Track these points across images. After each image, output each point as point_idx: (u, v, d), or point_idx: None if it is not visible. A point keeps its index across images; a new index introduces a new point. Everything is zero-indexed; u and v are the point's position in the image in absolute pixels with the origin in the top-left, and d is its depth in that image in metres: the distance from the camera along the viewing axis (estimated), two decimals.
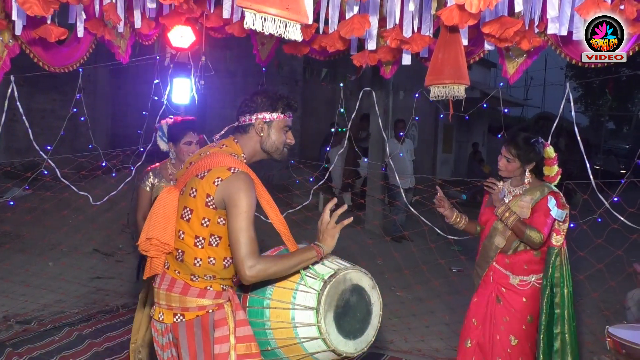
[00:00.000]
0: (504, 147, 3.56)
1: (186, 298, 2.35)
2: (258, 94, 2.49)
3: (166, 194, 2.42)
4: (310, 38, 4.06)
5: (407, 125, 8.79)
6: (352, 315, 2.45)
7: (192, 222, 2.34)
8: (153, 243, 2.37)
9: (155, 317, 2.44)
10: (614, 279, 5.06)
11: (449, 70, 3.53)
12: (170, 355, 2.44)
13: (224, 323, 2.33)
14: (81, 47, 4.52)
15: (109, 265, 6.99)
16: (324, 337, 2.33)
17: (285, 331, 2.38)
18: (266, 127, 2.47)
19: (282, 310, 2.40)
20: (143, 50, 5.06)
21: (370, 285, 2.52)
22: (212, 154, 2.42)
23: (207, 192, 2.30)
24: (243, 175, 2.31)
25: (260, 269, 2.23)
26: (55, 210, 6.90)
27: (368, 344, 2.47)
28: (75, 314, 5.34)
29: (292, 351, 2.41)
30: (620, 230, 4.27)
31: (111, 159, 5.58)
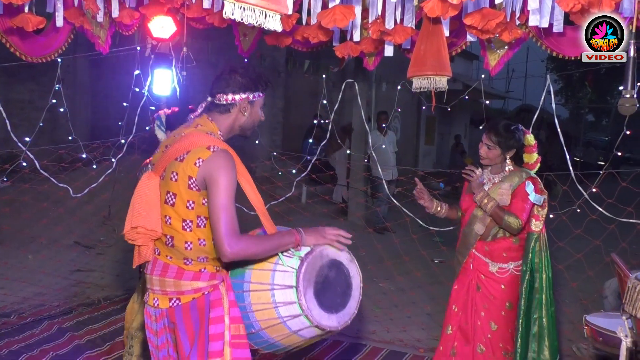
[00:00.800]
0: (484, 134, 3.60)
1: (181, 282, 2.33)
2: (236, 73, 2.45)
3: (146, 180, 2.38)
4: (292, 29, 4.03)
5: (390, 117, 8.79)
6: (332, 289, 2.46)
7: (177, 206, 2.31)
8: (139, 231, 2.34)
9: (150, 303, 2.42)
10: (593, 269, 5.13)
11: (431, 61, 3.54)
12: (164, 340, 2.43)
13: (220, 304, 2.33)
14: (59, 36, 4.45)
15: (90, 257, 6.93)
16: (305, 313, 2.34)
17: (267, 312, 2.38)
18: (249, 106, 2.47)
19: (262, 292, 2.39)
20: (123, 41, 4.99)
21: (348, 258, 2.55)
22: (188, 135, 2.39)
23: (188, 174, 2.27)
24: (223, 153, 2.30)
25: (241, 248, 2.23)
26: (34, 203, 6.81)
27: (351, 317, 2.49)
28: (55, 307, 5.30)
29: (277, 331, 2.41)
30: (598, 220, 4.32)
31: (91, 151, 5.51)
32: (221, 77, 2.47)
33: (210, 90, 2.48)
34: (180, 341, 2.35)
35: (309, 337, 2.45)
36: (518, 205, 3.47)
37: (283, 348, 2.53)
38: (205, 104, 2.52)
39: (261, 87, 2.50)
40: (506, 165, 3.59)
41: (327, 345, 4.79)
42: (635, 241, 4.96)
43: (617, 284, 4.53)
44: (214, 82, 2.49)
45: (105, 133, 6.24)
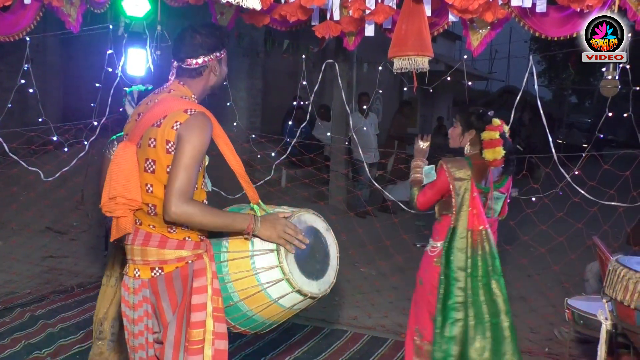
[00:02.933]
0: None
1: (164, 251, 2.29)
2: (198, 33, 2.37)
3: (122, 150, 2.30)
4: (270, 7, 3.91)
5: (371, 98, 8.70)
6: (312, 255, 2.43)
7: (158, 172, 2.25)
8: (118, 202, 2.26)
9: (130, 274, 2.36)
10: (574, 252, 5.13)
11: (412, 41, 3.48)
12: (141, 314, 2.36)
13: (203, 273, 2.28)
14: (27, 14, 4.30)
15: (63, 243, 6.79)
16: (287, 277, 2.29)
17: (247, 280, 2.33)
18: (218, 65, 2.44)
19: (241, 260, 2.34)
20: (95, 19, 4.83)
21: (324, 227, 2.52)
22: (162, 100, 2.34)
23: (166, 138, 2.22)
24: (201, 116, 2.26)
25: (186, 211, 2.16)
26: (3, 187, 6.67)
27: (330, 285, 2.46)
28: (27, 294, 5.18)
29: (256, 301, 2.35)
30: (580, 203, 4.30)
31: (63, 133, 5.40)
32: (184, 40, 2.39)
33: (176, 54, 2.40)
34: (163, 312, 2.31)
35: (288, 307, 2.39)
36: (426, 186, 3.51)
37: (260, 324, 2.46)
38: (174, 69, 2.44)
39: (225, 42, 2.46)
40: (467, 149, 3.50)
41: (308, 332, 4.74)
42: (617, 224, 4.95)
43: (598, 267, 4.53)
44: (178, 46, 2.40)
45: (77, 115, 6.12)
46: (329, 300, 5.36)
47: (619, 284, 2.96)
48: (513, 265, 5.71)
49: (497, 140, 3.36)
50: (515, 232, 5.33)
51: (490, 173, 3.42)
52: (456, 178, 3.36)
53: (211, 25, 2.49)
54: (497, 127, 3.40)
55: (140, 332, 2.39)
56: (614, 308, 3.05)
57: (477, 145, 3.46)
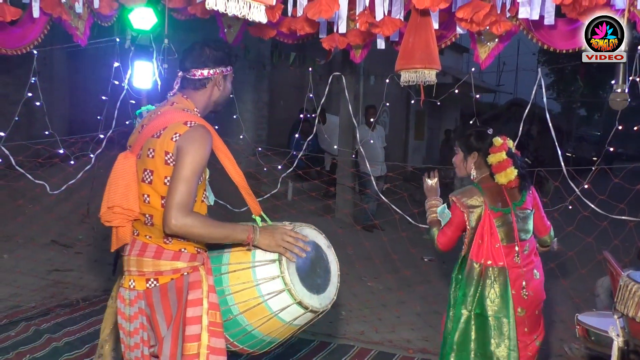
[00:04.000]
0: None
1: (160, 262, 2.29)
2: (207, 47, 2.42)
3: (122, 160, 2.33)
4: (278, 20, 3.92)
5: (378, 111, 8.68)
6: (313, 269, 2.42)
7: (155, 183, 2.27)
8: (116, 211, 2.29)
9: (125, 285, 2.37)
10: (584, 267, 5.06)
11: (419, 54, 3.47)
12: (137, 325, 2.36)
13: (198, 286, 2.28)
14: (36, 27, 4.33)
15: (68, 257, 6.76)
16: (289, 287, 2.27)
17: (247, 292, 2.31)
18: (223, 80, 2.47)
19: (242, 272, 2.33)
20: (102, 32, 4.86)
21: (325, 244, 2.52)
22: (164, 112, 2.37)
23: (165, 149, 2.24)
24: (201, 129, 2.27)
25: (186, 223, 2.17)
26: (9, 200, 6.68)
27: (331, 301, 2.44)
28: (32, 308, 5.15)
29: (256, 314, 2.32)
30: (590, 217, 4.25)
31: (69, 146, 5.39)
32: (193, 51, 2.43)
33: (182, 64, 2.44)
34: (158, 325, 2.30)
35: (288, 321, 2.35)
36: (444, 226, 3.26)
37: (259, 341, 2.42)
38: (178, 80, 2.46)
39: (232, 61, 2.51)
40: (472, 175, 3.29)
41: (314, 346, 4.69)
42: (628, 238, 4.88)
43: (609, 282, 4.47)
44: (185, 56, 2.44)
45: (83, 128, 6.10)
46: (336, 315, 5.31)
47: (630, 299, 2.92)
48: None
49: (506, 161, 3.15)
50: None
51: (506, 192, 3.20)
52: (469, 206, 3.14)
53: (221, 41, 2.52)
54: (501, 146, 3.18)
55: (136, 345, 2.38)
56: (626, 324, 3.01)
57: (484, 167, 3.24)
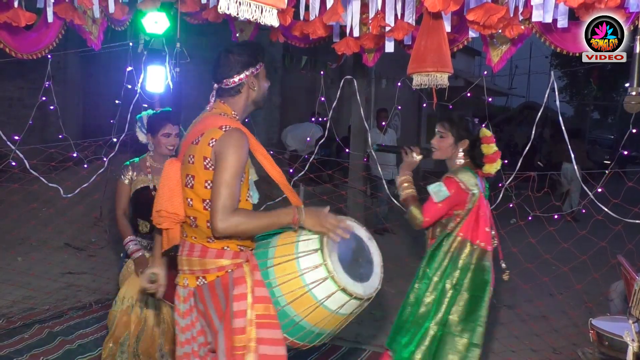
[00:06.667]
0: (437, 125, 3.36)
1: (205, 260, 2.40)
2: (232, 53, 2.46)
3: (168, 166, 2.48)
4: (290, 24, 3.93)
5: (390, 114, 8.66)
6: (355, 259, 2.45)
7: (196, 187, 2.38)
8: (162, 215, 2.43)
9: (180, 283, 2.50)
10: (598, 271, 5.02)
11: (432, 58, 3.47)
12: (189, 322, 2.49)
13: (242, 281, 2.35)
14: (50, 32, 4.35)
15: (81, 260, 6.82)
16: (332, 274, 2.31)
17: (292, 282, 2.36)
18: (255, 80, 2.50)
19: (287, 263, 2.39)
20: (115, 37, 4.88)
21: (367, 236, 2.56)
22: (202, 119, 2.48)
23: (203, 155, 2.34)
24: (235, 132, 2.34)
25: (232, 223, 2.25)
26: (23, 203, 6.72)
27: (375, 290, 2.45)
28: (45, 310, 5.19)
29: (302, 304, 2.37)
30: (604, 221, 4.21)
31: (83, 150, 5.43)
32: (219, 61, 2.49)
33: (214, 76, 2.51)
34: (212, 319, 2.41)
35: (334, 310, 2.39)
36: (427, 201, 3.21)
37: (308, 332, 2.46)
38: (215, 91, 2.53)
39: (260, 57, 2.52)
40: (457, 159, 3.32)
41: (326, 350, 4.68)
42: None
43: (623, 287, 4.43)
44: (214, 68, 2.51)
45: (96, 131, 6.17)
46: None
47: None
48: (534, 284, 5.61)
49: (497, 153, 3.30)
50: (537, 250, 5.24)
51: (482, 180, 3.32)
52: (470, 189, 3.20)
53: (244, 43, 2.60)
54: (491, 137, 3.32)
55: (187, 341, 2.50)
56: None
57: (467, 154, 3.32)
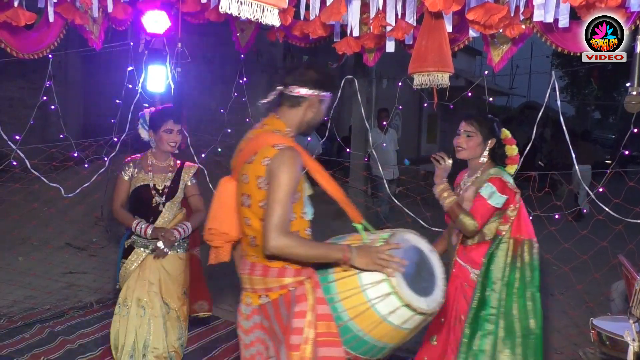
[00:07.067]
0: (463, 122, 3.29)
1: (267, 279, 2.40)
2: (312, 69, 2.49)
3: (223, 185, 2.50)
4: (290, 24, 3.92)
5: (391, 114, 8.66)
6: (417, 273, 2.40)
7: (252, 206, 2.38)
8: (214, 233, 2.47)
9: (243, 302, 2.52)
10: (599, 271, 5.01)
11: (432, 57, 3.46)
12: (253, 339, 2.49)
13: (304, 299, 2.34)
14: (51, 32, 4.34)
15: (82, 259, 6.82)
16: (395, 290, 2.26)
17: (355, 298, 2.32)
18: (318, 104, 2.50)
19: (349, 279, 2.35)
20: (116, 36, 4.88)
21: (428, 248, 2.50)
22: (255, 136, 2.46)
23: (257, 174, 2.34)
24: (289, 151, 2.33)
25: (286, 244, 2.23)
26: (24, 203, 6.73)
27: (439, 304, 2.39)
28: (46, 310, 5.19)
29: (366, 319, 2.32)
30: (605, 221, 4.21)
31: (83, 150, 5.43)
32: (296, 69, 2.52)
33: (283, 80, 2.50)
34: (277, 335, 2.42)
35: (397, 325, 2.32)
36: (476, 205, 3.14)
37: (372, 346, 2.41)
38: (274, 95, 2.51)
39: (331, 88, 2.55)
40: (483, 157, 3.27)
41: None
42: None
43: (624, 287, 4.43)
44: (288, 72, 2.52)
45: (97, 131, 6.16)
46: None
47: None
48: None
49: (518, 155, 3.32)
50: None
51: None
52: (515, 188, 3.21)
53: (327, 69, 2.60)
54: (513, 139, 3.33)
55: (251, 357, 2.52)
56: None
57: (500, 158, 3.30)
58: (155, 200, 3.62)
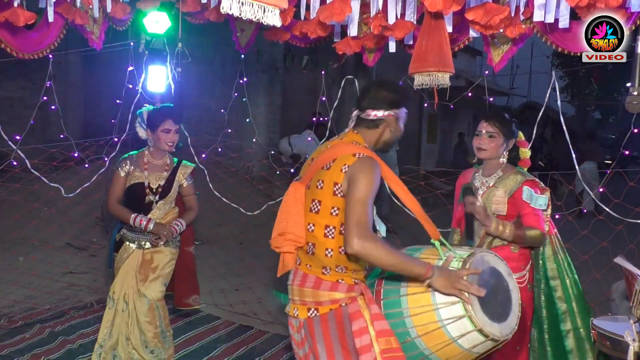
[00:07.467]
0: (484, 122, 3.23)
1: (319, 292, 2.37)
2: (384, 88, 2.50)
3: (293, 190, 2.44)
4: (290, 24, 3.92)
5: None
6: (493, 297, 2.32)
7: (322, 213, 2.36)
8: (287, 237, 2.39)
9: (291, 314, 2.48)
10: (599, 271, 5.01)
11: (433, 57, 3.46)
12: (306, 351, 2.45)
13: (360, 315, 2.31)
14: (51, 32, 4.35)
15: (82, 259, 6.82)
16: (469, 314, 2.20)
17: (426, 316, 2.27)
18: (395, 122, 2.51)
19: (422, 295, 2.29)
20: (116, 36, 4.89)
21: (506, 271, 2.43)
22: (334, 146, 2.47)
23: (334, 180, 2.34)
24: (369, 160, 2.34)
25: (369, 246, 2.18)
26: (25, 203, 6.72)
27: (512, 331, 2.33)
28: (47, 310, 5.18)
29: (434, 339, 2.27)
30: (605, 221, 4.21)
31: (84, 150, 5.45)
32: (369, 92, 2.52)
33: (359, 103, 2.53)
34: (318, 354, 2.36)
35: (467, 349, 2.28)
36: (529, 216, 3.12)
37: None
38: (354, 118, 2.54)
39: (405, 103, 2.55)
40: (502, 158, 3.25)
41: None
42: None
43: (624, 287, 4.42)
44: (362, 95, 2.54)
45: (98, 131, 6.16)
46: None
47: None
48: None
49: (529, 158, 3.34)
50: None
51: None
52: (546, 189, 3.23)
53: (396, 84, 2.58)
54: (525, 142, 3.35)
55: None
56: None
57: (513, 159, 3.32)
58: (148, 198, 3.66)
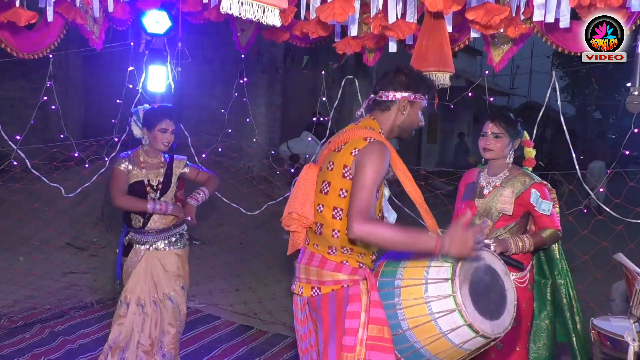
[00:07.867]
0: (489, 123, 3.24)
1: (323, 271, 2.40)
2: (401, 72, 2.51)
3: (306, 171, 2.51)
4: (291, 24, 3.93)
5: None
6: (487, 294, 2.32)
7: (330, 194, 2.40)
8: (293, 217, 2.46)
9: (295, 292, 2.52)
10: (599, 271, 5.01)
11: (433, 57, 3.47)
12: (307, 330, 2.52)
13: (357, 299, 2.34)
14: (52, 32, 4.35)
15: (83, 259, 6.82)
16: (459, 308, 2.19)
17: (417, 308, 2.27)
18: (408, 106, 2.50)
19: (414, 287, 2.30)
20: (117, 36, 4.89)
21: (503, 270, 2.42)
22: (348, 129, 2.51)
23: (344, 163, 2.36)
24: (378, 145, 2.35)
25: (369, 230, 2.18)
26: (25, 203, 6.73)
27: (505, 330, 2.29)
28: (47, 310, 5.18)
29: (425, 332, 2.27)
30: (605, 221, 4.21)
31: (84, 150, 5.44)
32: (386, 75, 2.54)
33: (374, 87, 2.56)
34: (318, 331, 2.43)
35: (457, 344, 2.26)
36: (542, 217, 3.17)
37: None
38: (368, 102, 2.58)
39: (423, 90, 2.52)
40: (509, 157, 3.26)
41: None
42: None
43: (624, 287, 4.42)
44: (379, 80, 2.57)
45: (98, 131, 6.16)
46: None
47: None
48: None
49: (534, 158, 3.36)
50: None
51: None
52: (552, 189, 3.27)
53: (417, 70, 2.59)
54: (530, 141, 3.37)
55: (306, 349, 2.54)
56: None
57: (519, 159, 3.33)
58: (150, 195, 3.64)
